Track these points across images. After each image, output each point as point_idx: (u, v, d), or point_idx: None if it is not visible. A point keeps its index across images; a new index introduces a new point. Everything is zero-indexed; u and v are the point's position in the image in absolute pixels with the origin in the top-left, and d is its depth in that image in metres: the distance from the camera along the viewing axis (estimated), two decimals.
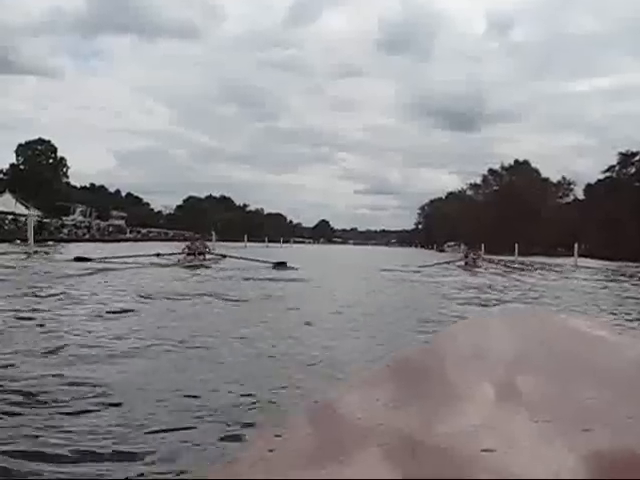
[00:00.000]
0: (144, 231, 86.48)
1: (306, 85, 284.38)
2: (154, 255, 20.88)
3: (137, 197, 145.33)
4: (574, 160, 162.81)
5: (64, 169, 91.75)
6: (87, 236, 61.53)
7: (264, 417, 3.33)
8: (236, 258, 22.32)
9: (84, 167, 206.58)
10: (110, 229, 74.37)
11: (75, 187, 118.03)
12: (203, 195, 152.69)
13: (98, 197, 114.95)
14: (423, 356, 1.47)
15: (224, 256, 22.94)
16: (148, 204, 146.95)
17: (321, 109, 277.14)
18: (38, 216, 61.89)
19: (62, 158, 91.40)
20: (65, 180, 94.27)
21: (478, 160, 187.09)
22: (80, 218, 77.50)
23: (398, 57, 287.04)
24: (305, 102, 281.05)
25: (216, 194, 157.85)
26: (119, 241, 59.58)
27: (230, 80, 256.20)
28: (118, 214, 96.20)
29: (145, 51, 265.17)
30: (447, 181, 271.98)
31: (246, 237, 57.00)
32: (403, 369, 1.29)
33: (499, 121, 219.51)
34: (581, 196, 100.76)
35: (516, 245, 48.63)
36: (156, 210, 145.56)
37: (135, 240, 68.37)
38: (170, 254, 21.62)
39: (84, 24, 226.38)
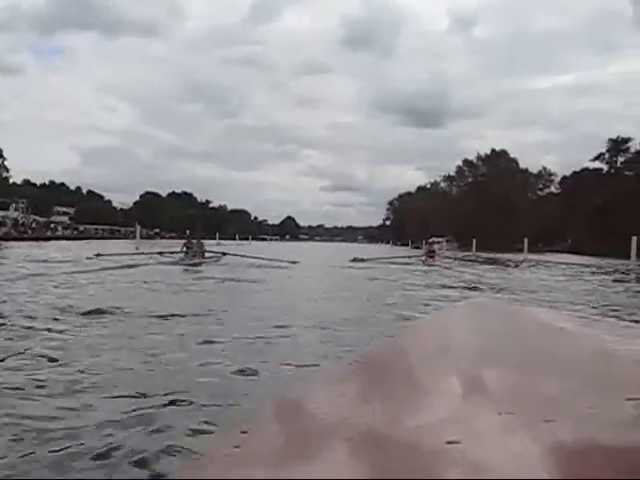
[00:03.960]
0: (82, 228, 74.87)
1: (270, 82, 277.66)
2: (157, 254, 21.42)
3: (98, 194, 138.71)
4: (539, 155, 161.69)
5: (0, 160, 79.23)
6: None
7: (229, 413, 3.29)
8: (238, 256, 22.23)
9: (46, 165, 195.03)
10: (33, 225, 62.14)
11: (34, 184, 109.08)
12: (165, 192, 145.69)
13: (56, 194, 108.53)
14: (389, 351, 1.45)
15: (224, 254, 22.81)
16: (110, 201, 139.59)
17: (285, 106, 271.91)
18: None
19: None
20: (4, 174, 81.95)
21: (444, 156, 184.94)
22: (15, 214, 65.41)
23: (362, 54, 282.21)
24: (269, 99, 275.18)
25: (178, 191, 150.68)
26: (37, 240, 47.92)
27: (193, 78, 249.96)
28: (62, 210, 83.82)
29: (107, 49, 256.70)
30: (413, 177, 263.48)
31: (188, 233, 45.47)
32: (369, 365, 1.27)
33: (463, 117, 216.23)
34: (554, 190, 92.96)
35: (525, 240, 38.96)
36: (118, 208, 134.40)
37: (66, 238, 57.60)
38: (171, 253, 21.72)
39: (44, 21, 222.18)
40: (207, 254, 22.08)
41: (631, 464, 0.72)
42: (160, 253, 21.36)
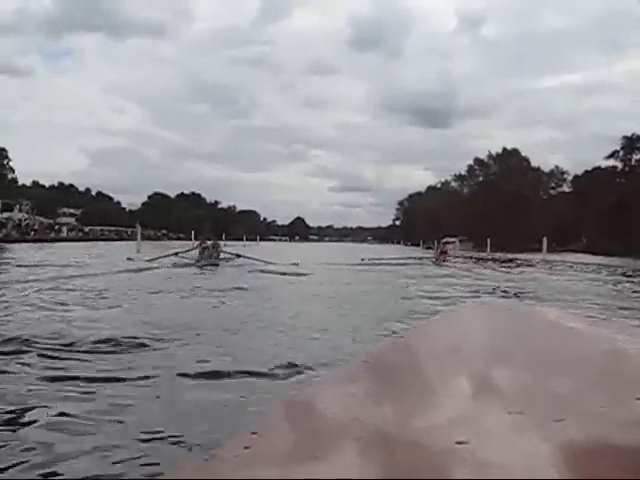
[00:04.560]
0: (87, 229, 73.83)
1: (278, 83, 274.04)
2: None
3: (107, 195, 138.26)
4: (546, 154, 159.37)
5: (4, 161, 78.04)
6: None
7: (240, 414, 3.35)
8: (250, 259, 21.81)
9: (54, 167, 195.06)
10: (35, 227, 60.93)
11: (43, 186, 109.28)
12: (174, 193, 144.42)
13: (65, 196, 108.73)
14: (397, 351, 1.44)
15: (238, 256, 22.35)
16: (119, 203, 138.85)
17: (294, 107, 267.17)
18: None
19: (2, 149, 77.80)
20: (10, 175, 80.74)
21: (451, 156, 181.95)
22: (20, 215, 64.31)
23: (370, 55, 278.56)
24: (277, 100, 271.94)
25: (187, 192, 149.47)
26: (39, 241, 46.79)
27: (201, 78, 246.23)
28: (68, 212, 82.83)
29: (115, 50, 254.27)
30: (421, 177, 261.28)
31: (194, 234, 43.66)
32: (378, 364, 1.27)
33: (471, 117, 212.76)
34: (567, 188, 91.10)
35: (544, 240, 36.96)
36: (127, 209, 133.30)
37: (71, 240, 56.20)
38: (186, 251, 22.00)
39: (53, 24, 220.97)
40: (222, 255, 22.13)
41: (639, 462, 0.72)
42: (176, 254, 21.38)
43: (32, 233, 55.89)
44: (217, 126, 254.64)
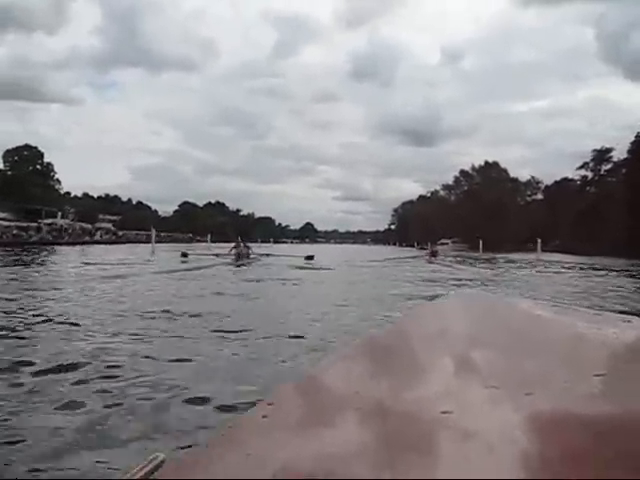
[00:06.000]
0: (121, 233, 70.49)
1: (289, 109, 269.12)
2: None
3: (146, 205, 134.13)
4: (517, 169, 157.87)
5: (51, 174, 74.64)
6: (34, 238, 44.82)
7: (258, 388, 3.43)
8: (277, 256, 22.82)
9: (102, 181, 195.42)
10: (70, 231, 57.00)
11: (92, 197, 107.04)
12: (202, 202, 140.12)
13: (109, 205, 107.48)
14: (391, 335, 1.43)
15: (267, 255, 23.27)
16: (156, 211, 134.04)
17: (303, 129, 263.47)
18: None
19: (49, 164, 74.85)
20: (57, 186, 77.39)
21: (437, 170, 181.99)
22: (62, 221, 60.53)
23: (366, 84, 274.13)
24: (289, 123, 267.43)
25: (213, 201, 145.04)
26: (73, 244, 43.15)
27: (225, 105, 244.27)
28: (107, 218, 79.31)
29: (153, 82, 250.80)
30: (411, 188, 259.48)
31: (210, 236, 39.86)
32: (374, 347, 1.27)
33: (453, 137, 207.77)
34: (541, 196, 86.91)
35: (539, 241, 32.82)
36: (162, 216, 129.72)
37: (104, 242, 53.15)
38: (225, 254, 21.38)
39: (100, 60, 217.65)
40: (251, 256, 22.01)
41: (598, 431, 0.72)
42: (217, 255, 21.34)
43: (66, 237, 52.06)
44: (239, 146, 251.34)
